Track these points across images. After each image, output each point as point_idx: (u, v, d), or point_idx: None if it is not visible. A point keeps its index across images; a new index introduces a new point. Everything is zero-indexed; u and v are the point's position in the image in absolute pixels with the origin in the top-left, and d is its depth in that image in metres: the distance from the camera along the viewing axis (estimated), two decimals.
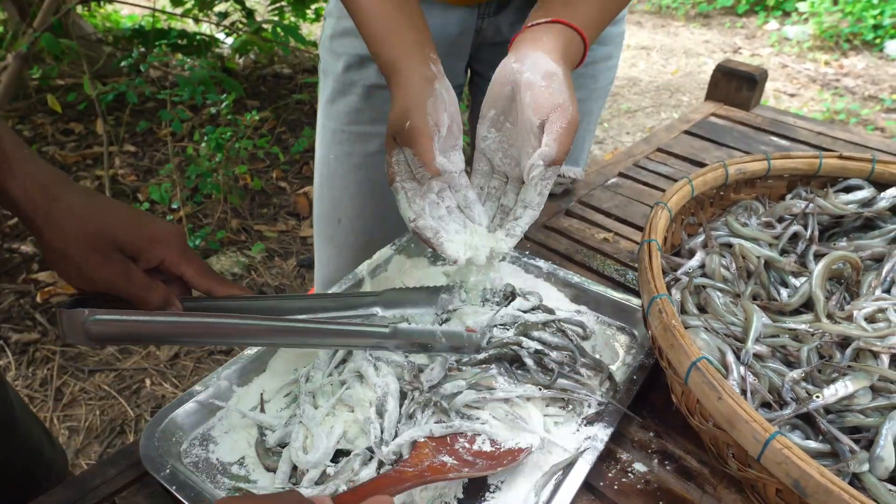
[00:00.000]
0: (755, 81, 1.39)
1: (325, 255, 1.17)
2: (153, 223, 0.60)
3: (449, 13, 0.97)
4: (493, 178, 0.75)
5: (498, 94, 0.71)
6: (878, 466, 0.55)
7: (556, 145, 0.64)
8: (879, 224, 0.88)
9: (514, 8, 0.99)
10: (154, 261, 0.60)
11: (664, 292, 0.65)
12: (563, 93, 0.66)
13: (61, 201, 0.56)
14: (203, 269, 0.64)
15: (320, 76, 1.08)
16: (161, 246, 0.60)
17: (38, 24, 2.17)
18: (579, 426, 0.66)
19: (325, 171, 1.10)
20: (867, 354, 0.67)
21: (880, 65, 4.54)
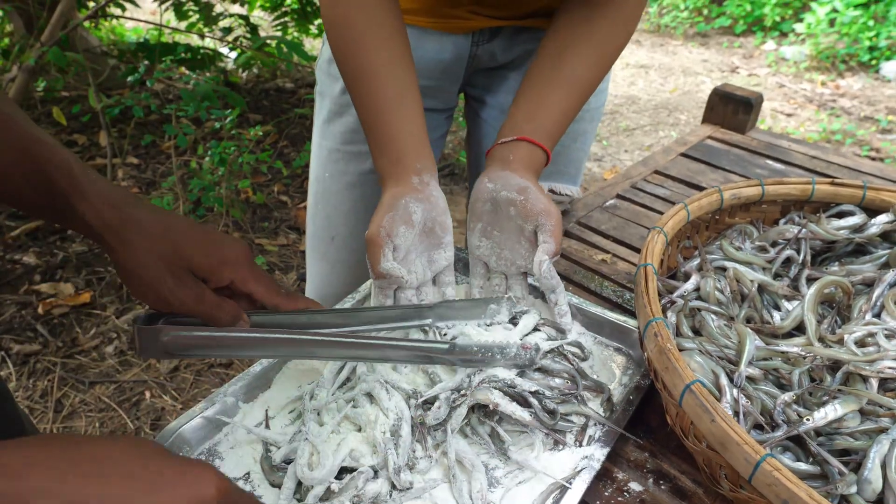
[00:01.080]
0: (751, 105, 1.42)
1: (318, 271, 1.18)
2: (223, 243, 0.63)
3: (444, 40, 1.00)
4: (492, 278, 0.85)
5: (480, 210, 0.83)
6: (865, 488, 0.57)
7: (553, 240, 0.77)
8: (870, 249, 0.90)
9: (507, 35, 1.03)
10: (224, 281, 0.63)
11: (660, 316, 0.67)
12: (542, 200, 0.79)
13: (133, 221, 0.58)
14: (271, 286, 0.67)
15: (316, 98, 1.11)
16: (230, 267, 0.63)
17: (46, 39, 2.21)
18: (575, 448, 0.68)
19: (319, 189, 1.12)
20: (857, 378, 0.69)
21: (876, 86, 4.60)
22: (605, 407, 0.73)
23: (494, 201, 0.81)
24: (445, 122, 1.13)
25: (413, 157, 0.81)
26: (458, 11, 0.97)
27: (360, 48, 0.81)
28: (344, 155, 1.07)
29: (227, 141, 2.45)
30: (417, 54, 0.97)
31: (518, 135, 0.84)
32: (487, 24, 0.99)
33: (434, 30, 0.98)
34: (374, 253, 0.75)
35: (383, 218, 0.77)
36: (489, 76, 1.09)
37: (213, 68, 3.30)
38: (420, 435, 0.66)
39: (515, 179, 0.80)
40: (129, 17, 2.60)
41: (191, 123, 2.44)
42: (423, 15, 0.97)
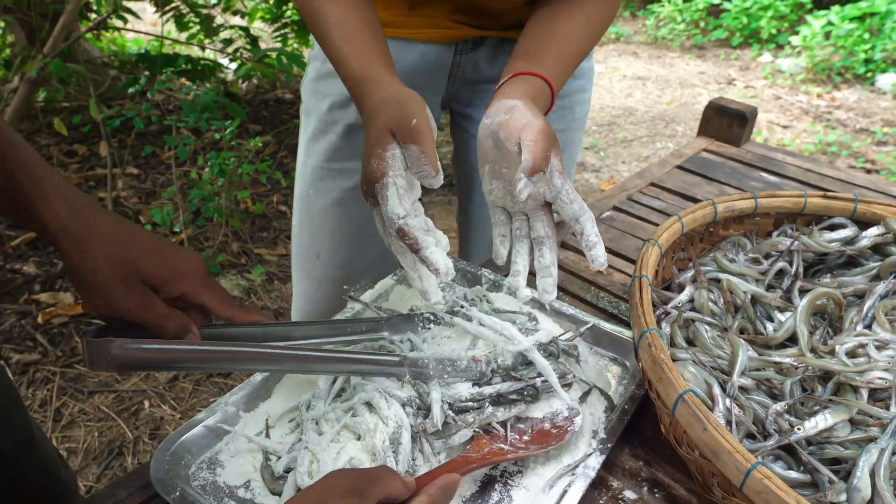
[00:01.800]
0: (745, 118, 1.44)
1: (303, 288, 1.18)
2: (177, 255, 0.64)
3: (427, 49, 1.01)
4: (514, 220, 0.77)
5: (484, 149, 0.76)
6: (855, 497, 0.58)
7: (530, 156, 0.67)
8: (861, 262, 0.92)
9: (491, 45, 1.04)
10: (176, 292, 0.64)
11: (654, 327, 0.68)
12: (525, 114, 0.70)
13: (91, 228, 0.59)
14: (223, 298, 0.67)
15: (302, 116, 1.12)
16: (183, 279, 0.63)
17: (49, 50, 2.23)
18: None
19: (304, 207, 1.13)
20: (847, 388, 0.70)
21: (871, 98, 4.63)
22: (606, 406, 0.75)
23: (494, 134, 0.74)
24: None
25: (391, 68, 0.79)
26: (442, 21, 0.98)
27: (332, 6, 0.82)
28: (329, 172, 1.08)
29: (227, 152, 2.46)
30: (400, 65, 0.99)
31: (517, 70, 0.80)
32: (471, 34, 1.01)
33: (417, 40, 1.00)
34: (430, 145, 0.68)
35: (426, 108, 0.70)
36: (474, 91, 1.11)
37: (213, 79, 3.32)
38: (420, 443, 0.67)
39: (506, 102, 0.74)
40: (130, 28, 2.62)
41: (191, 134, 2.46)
42: (406, 27, 0.99)
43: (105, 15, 2.61)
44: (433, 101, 1.11)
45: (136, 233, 0.62)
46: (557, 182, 0.69)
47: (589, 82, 1.15)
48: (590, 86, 1.16)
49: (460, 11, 0.99)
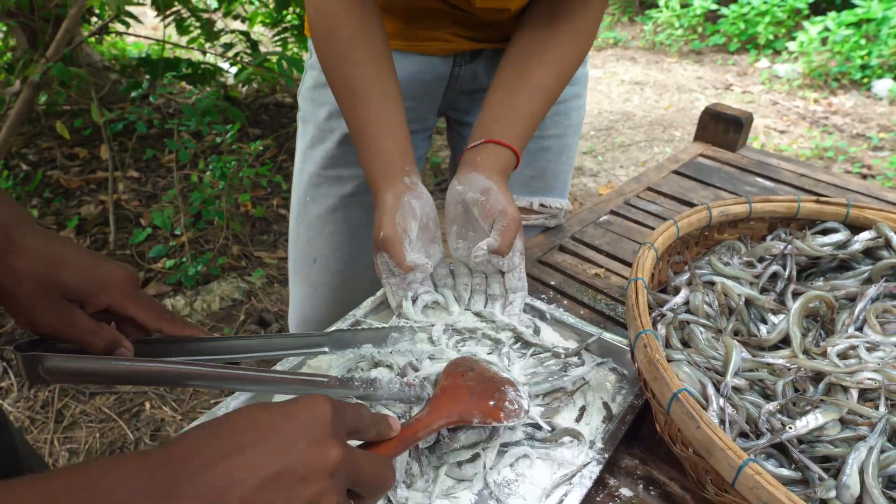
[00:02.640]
0: (741, 124, 1.46)
1: (300, 293, 1.20)
2: (103, 268, 0.62)
3: (425, 62, 1.04)
4: (474, 277, 0.89)
5: (454, 213, 0.88)
6: (844, 493, 0.60)
7: (499, 237, 0.82)
8: (853, 265, 0.94)
9: (487, 56, 1.07)
10: (101, 305, 0.62)
11: (649, 328, 0.69)
12: (501, 201, 0.83)
13: (18, 244, 0.58)
14: (152, 310, 0.66)
15: (299, 124, 1.14)
16: (108, 292, 0.62)
17: (52, 55, 2.24)
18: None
19: (301, 213, 1.14)
20: (838, 389, 0.72)
21: (868, 103, 4.66)
22: (605, 415, 0.76)
23: (464, 203, 0.86)
24: (424, 143, 1.17)
25: (402, 160, 0.87)
26: (439, 34, 1.00)
27: (347, 61, 0.86)
28: (325, 179, 1.10)
29: (228, 155, 2.48)
30: (399, 75, 1.01)
31: (486, 137, 0.88)
32: (469, 47, 1.03)
33: (415, 53, 1.02)
34: (397, 250, 0.81)
35: (395, 216, 0.82)
36: (472, 99, 1.13)
37: (213, 83, 3.34)
38: (415, 454, 0.68)
39: (481, 181, 0.85)
40: (132, 33, 2.64)
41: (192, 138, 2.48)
42: (404, 39, 1.00)
43: (108, 20, 2.62)
44: (430, 110, 1.13)
45: (60, 247, 0.60)
46: (516, 261, 0.85)
47: (584, 88, 1.17)
48: (585, 91, 1.18)
49: (458, 24, 1.00)
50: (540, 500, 0.66)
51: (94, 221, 2.61)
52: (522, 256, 0.85)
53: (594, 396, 0.80)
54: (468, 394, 0.69)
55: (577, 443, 0.72)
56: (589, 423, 0.76)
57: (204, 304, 2.14)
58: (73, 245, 0.62)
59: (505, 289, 0.87)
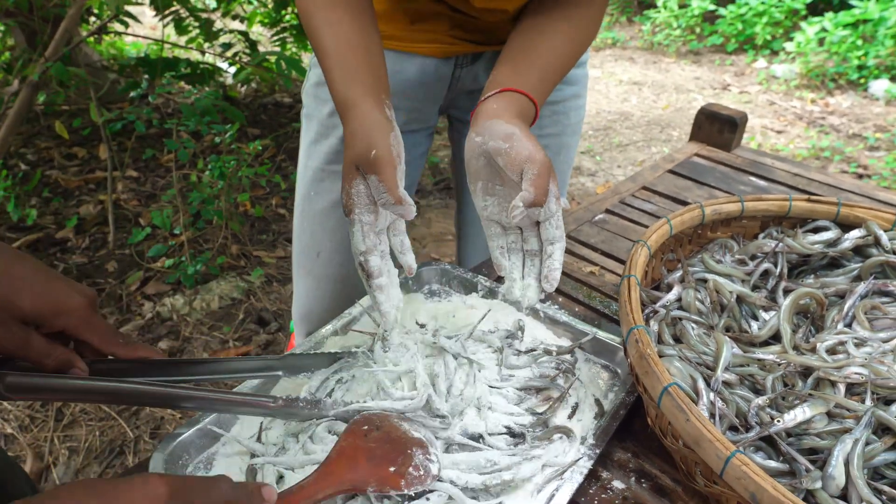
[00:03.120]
0: (736, 124, 1.48)
1: (304, 286, 1.21)
2: (60, 291, 0.64)
3: (426, 63, 1.05)
4: (508, 235, 0.80)
5: (475, 167, 0.79)
6: (829, 484, 0.61)
7: (532, 188, 0.71)
8: (843, 263, 0.95)
9: (488, 58, 1.08)
10: (55, 328, 0.64)
11: (641, 324, 0.71)
12: (527, 146, 0.73)
13: None
14: (105, 335, 0.67)
15: (303, 120, 1.15)
16: (63, 316, 0.63)
17: (51, 55, 2.25)
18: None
19: (305, 207, 1.16)
20: (826, 383, 0.73)
21: (864, 104, 4.68)
22: (596, 413, 0.77)
23: (486, 154, 0.77)
24: (426, 140, 1.18)
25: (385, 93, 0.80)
26: (440, 36, 1.02)
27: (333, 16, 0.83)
28: (329, 174, 1.11)
29: (227, 155, 2.49)
30: (400, 77, 1.01)
31: (502, 87, 0.82)
32: (469, 49, 1.04)
33: (417, 54, 1.03)
34: (391, 175, 0.71)
35: (389, 136, 0.73)
36: (472, 99, 1.14)
37: (212, 83, 3.35)
38: None
39: (501, 126, 0.76)
40: (131, 33, 2.65)
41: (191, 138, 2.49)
42: (406, 41, 1.02)
43: (107, 19, 2.63)
44: (431, 110, 1.14)
45: (18, 268, 0.62)
46: (553, 208, 0.73)
47: (583, 88, 1.19)
48: (584, 91, 1.20)
49: (458, 27, 1.02)
50: (532, 494, 0.67)
51: (93, 221, 2.62)
52: (559, 202, 0.74)
53: (586, 394, 0.81)
54: (366, 458, 0.64)
55: (568, 439, 0.73)
56: (581, 420, 0.77)
57: (203, 303, 2.15)
58: (32, 265, 0.63)
59: (541, 241, 0.76)
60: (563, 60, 0.88)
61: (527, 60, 0.85)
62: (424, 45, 1.04)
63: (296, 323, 1.28)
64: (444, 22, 1.01)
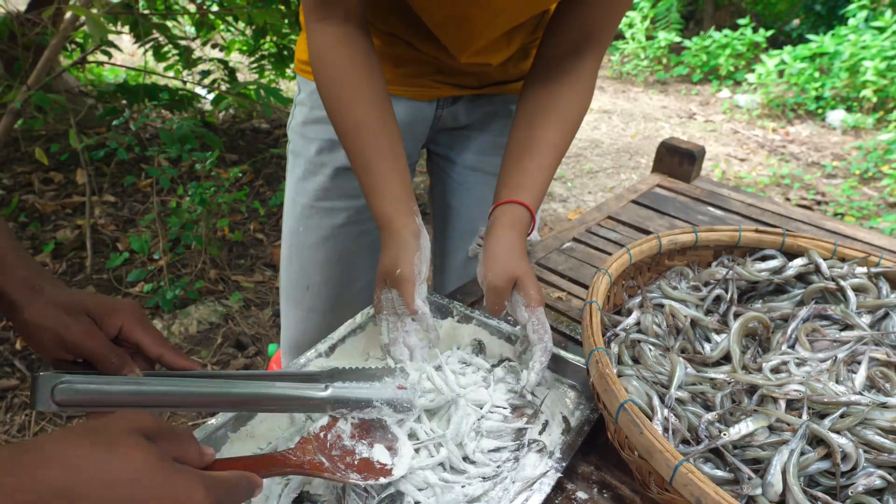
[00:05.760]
0: (694, 157, 1.58)
1: (293, 318, 1.26)
2: (114, 299, 0.71)
3: (411, 105, 1.12)
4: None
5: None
6: (768, 490, 0.68)
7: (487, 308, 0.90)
8: (788, 289, 1.03)
9: (467, 99, 1.16)
10: (114, 327, 0.68)
11: (601, 346, 0.78)
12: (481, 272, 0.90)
13: (43, 292, 0.66)
14: (156, 338, 0.71)
15: (290, 156, 1.19)
16: (120, 314, 0.69)
17: (33, 83, 2.29)
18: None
19: (294, 242, 1.20)
20: (769, 400, 0.81)
21: (822, 133, 4.90)
22: (564, 429, 0.84)
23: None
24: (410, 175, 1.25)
25: (411, 200, 0.91)
26: (424, 81, 1.09)
27: (353, 105, 0.90)
28: (318, 211, 1.15)
29: (206, 181, 2.53)
30: None
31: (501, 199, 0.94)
32: (451, 93, 1.12)
33: (403, 97, 1.10)
34: (410, 291, 0.84)
35: (414, 256, 0.86)
36: (453, 136, 1.21)
37: (190, 109, 3.40)
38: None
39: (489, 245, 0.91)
40: (113, 63, 2.69)
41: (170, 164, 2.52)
42: (393, 84, 1.09)
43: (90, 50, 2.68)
44: (415, 147, 1.21)
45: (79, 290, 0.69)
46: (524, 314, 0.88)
47: None
48: None
49: (441, 73, 1.09)
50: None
51: (71, 246, 2.63)
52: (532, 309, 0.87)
53: (555, 411, 0.87)
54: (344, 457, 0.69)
55: (543, 452, 0.79)
56: (550, 435, 0.83)
57: (181, 328, 2.17)
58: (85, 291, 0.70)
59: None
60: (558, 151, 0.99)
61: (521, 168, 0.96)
62: (410, 89, 1.10)
63: (284, 353, 1.32)
64: (428, 67, 1.08)
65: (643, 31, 6.24)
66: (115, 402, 0.64)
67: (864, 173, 4.09)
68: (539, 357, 0.86)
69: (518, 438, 0.81)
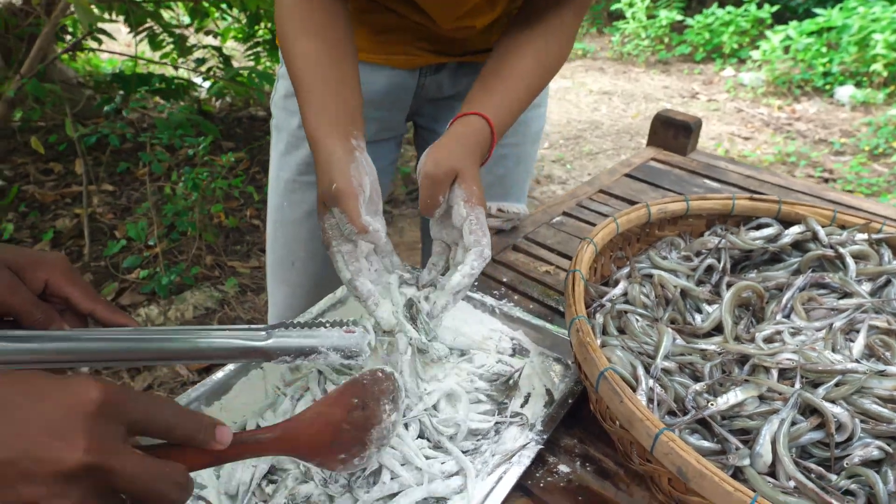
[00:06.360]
0: (690, 129, 1.53)
1: (280, 295, 1.24)
2: (40, 252, 0.65)
3: (393, 74, 1.09)
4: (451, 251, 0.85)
5: None
6: (757, 461, 0.65)
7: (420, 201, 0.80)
8: (784, 258, 1.00)
9: (451, 68, 1.12)
10: (39, 281, 0.63)
11: (583, 314, 0.75)
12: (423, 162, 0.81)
13: None
14: (89, 292, 0.65)
15: (273, 131, 1.17)
16: (45, 267, 0.63)
17: (26, 71, 2.27)
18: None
19: (278, 218, 1.18)
20: (761, 369, 0.78)
21: (830, 110, 4.81)
22: (546, 402, 0.81)
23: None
24: (396, 149, 1.22)
25: (353, 123, 0.82)
26: (407, 49, 1.06)
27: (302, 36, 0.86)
28: (301, 185, 1.13)
29: (201, 167, 2.51)
30: (368, 88, 1.05)
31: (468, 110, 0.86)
32: (433, 60, 1.08)
33: (384, 66, 1.07)
34: (352, 205, 0.72)
35: (349, 167, 0.75)
36: (437, 106, 1.18)
37: (186, 98, 3.37)
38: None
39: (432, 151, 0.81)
40: (105, 49, 2.67)
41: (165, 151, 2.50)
42: (374, 52, 1.06)
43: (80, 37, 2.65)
44: (399, 119, 1.18)
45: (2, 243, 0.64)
46: (462, 211, 0.78)
47: (543, 98, 1.23)
48: (544, 102, 1.24)
49: (424, 39, 1.06)
50: (481, 477, 0.70)
51: (70, 234, 2.62)
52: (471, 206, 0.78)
53: (539, 384, 0.85)
54: (332, 436, 0.61)
55: (524, 426, 0.77)
56: (532, 409, 0.81)
57: (178, 313, 2.16)
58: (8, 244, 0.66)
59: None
60: (528, 82, 0.93)
61: (488, 89, 0.90)
62: (391, 57, 1.07)
63: None
64: (409, 34, 1.05)
65: (644, 10, 6.15)
66: (44, 358, 0.60)
67: (875, 149, 4.02)
68: (472, 261, 0.77)
69: (500, 413, 0.79)
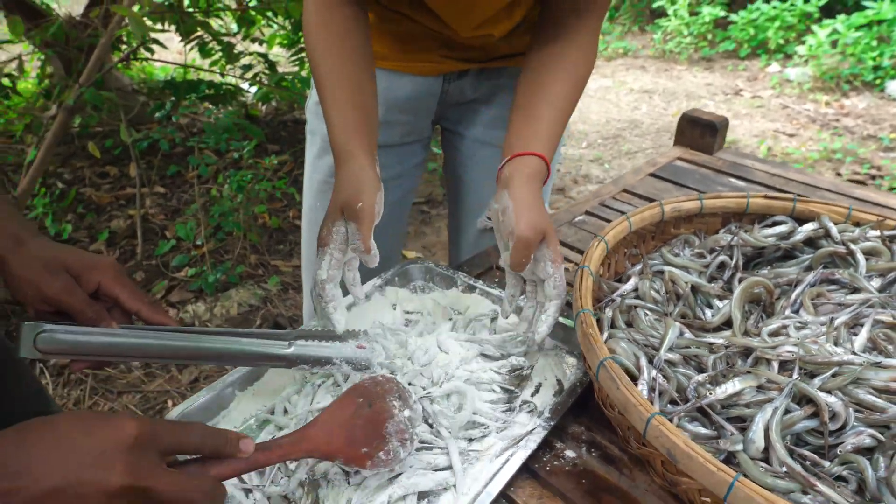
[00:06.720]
0: (716, 128, 1.55)
1: None
2: (94, 256, 0.74)
3: (417, 81, 1.14)
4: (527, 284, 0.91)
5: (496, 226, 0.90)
6: (750, 447, 0.69)
7: (511, 258, 0.84)
8: (797, 255, 1.02)
9: (473, 73, 1.17)
10: (93, 283, 0.72)
11: (588, 308, 0.79)
12: (510, 222, 0.84)
13: (27, 244, 0.71)
14: (135, 293, 0.74)
15: (308, 135, 1.24)
16: (98, 271, 0.72)
17: (84, 80, 2.42)
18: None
19: (312, 218, 1.25)
20: (763, 362, 0.81)
21: (881, 104, 4.66)
22: (557, 390, 0.86)
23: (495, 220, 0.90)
24: (422, 151, 1.28)
25: (375, 149, 0.92)
26: (430, 56, 1.12)
27: (327, 56, 0.93)
28: (332, 187, 1.20)
29: (246, 170, 2.63)
30: (394, 94, 1.12)
31: (511, 153, 0.92)
32: (456, 67, 1.14)
33: (408, 73, 1.13)
34: (367, 228, 0.82)
35: (376, 194, 0.84)
36: (461, 110, 1.24)
37: (234, 103, 3.51)
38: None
39: (504, 199, 0.87)
40: (157, 59, 2.82)
41: (212, 154, 2.63)
42: (398, 60, 1.12)
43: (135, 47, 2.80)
44: (424, 123, 1.24)
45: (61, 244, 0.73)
46: (549, 270, 0.85)
47: None
48: None
49: (446, 47, 1.11)
50: (490, 460, 0.75)
51: (123, 234, 2.78)
52: (556, 266, 0.85)
53: (551, 375, 0.89)
54: (345, 435, 0.66)
55: (533, 413, 0.82)
56: (542, 397, 0.86)
57: (223, 310, 2.28)
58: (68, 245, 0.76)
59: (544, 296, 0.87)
60: (567, 102, 0.97)
61: (531, 117, 0.95)
62: (415, 65, 1.13)
63: (307, 320, 1.38)
64: (433, 42, 1.11)
65: (686, 7, 6.06)
66: (92, 350, 0.70)
67: None
68: (553, 312, 0.85)
69: (510, 402, 0.84)
